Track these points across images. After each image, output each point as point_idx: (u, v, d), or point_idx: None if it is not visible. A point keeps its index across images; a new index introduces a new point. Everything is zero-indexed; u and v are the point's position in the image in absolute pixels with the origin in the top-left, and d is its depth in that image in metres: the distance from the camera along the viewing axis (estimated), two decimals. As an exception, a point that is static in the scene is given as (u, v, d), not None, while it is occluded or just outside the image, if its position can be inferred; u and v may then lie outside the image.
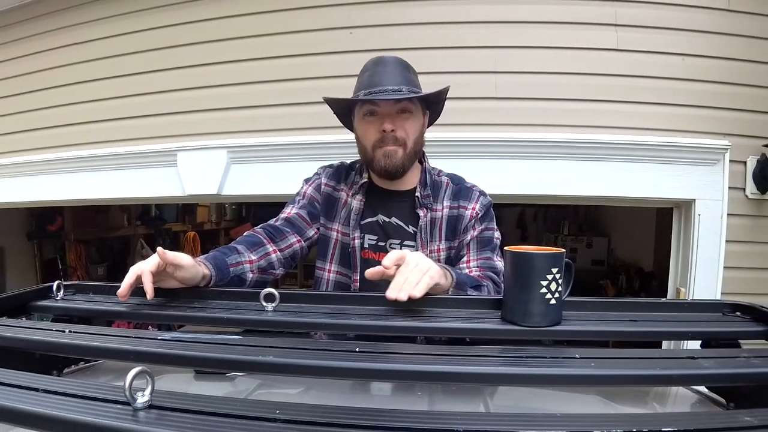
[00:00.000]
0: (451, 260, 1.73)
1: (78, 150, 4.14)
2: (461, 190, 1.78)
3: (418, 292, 1.22)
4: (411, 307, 1.25)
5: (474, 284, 1.55)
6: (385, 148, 1.65)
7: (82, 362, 1.35)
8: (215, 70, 3.80)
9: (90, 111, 4.11)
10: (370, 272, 1.33)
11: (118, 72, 4.03)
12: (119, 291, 1.24)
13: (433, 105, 1.77)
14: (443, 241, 1.72)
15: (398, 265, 1.28)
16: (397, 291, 1.21)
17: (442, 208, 1.74)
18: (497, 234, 1.77)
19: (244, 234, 1.69)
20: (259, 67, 3.72)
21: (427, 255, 1.65)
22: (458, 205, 1.74)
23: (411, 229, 1.72)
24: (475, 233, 1.72)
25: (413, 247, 1.71)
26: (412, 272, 1.27)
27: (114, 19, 4.04)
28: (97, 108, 4.09)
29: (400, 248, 1.71)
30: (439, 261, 1.66)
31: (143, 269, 1.25)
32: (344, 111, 1.79)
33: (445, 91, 1.70)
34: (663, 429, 0.65)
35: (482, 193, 1.79)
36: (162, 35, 3.90)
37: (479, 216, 1.74)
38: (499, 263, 1.68)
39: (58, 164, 4.20)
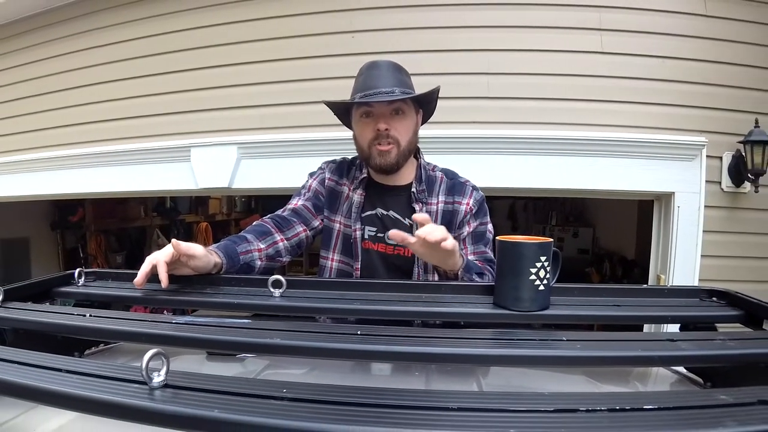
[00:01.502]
0: None
1: (98, 146, 4.15)
2: (455, 185, 1.77)
3: (450, 245, 1.31)
4: (409, 292, 1.26)
5: (478, 271, 1.56)
6: (380, 147, 1.64)
7: (102, 344, 1.35)
8: (226, 71, 3.81)
9: (109, 110, 4.13)
10: (393, 233, 1.37)
11: (135, 73, 4.04)
12: (136, 280, 1.24)
13: (425, 104, 1.76)
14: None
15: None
16: (427, 232, 1.29)
17: (437, 203, 1.74)
18: (490, 227, 1.78)
19: (253, 224, 1.68)
20: (267, 68, 3.72)
21: None
22: (453, 200, 1.74)
23: (407, 221, 1.72)
24: (471, 229, 1.72)
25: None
26: (440, 228, 1.32)
27: (131, 24, 4.06)
28: (115, 107, 4.10)
29: None
30: None
31: (158, 259, 1.25)
32: (343, 112, 1.79)
33: (435, 91, 1.70)
34: (644, 406, 0.65)
35: (475, 188, 1.78)
36: (176, 39, 3.91)
37: (474, 212, 1.74)
38: (493, 255, 1.69)
39: (80, 159, 4.23)
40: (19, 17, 4.42)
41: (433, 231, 1.30)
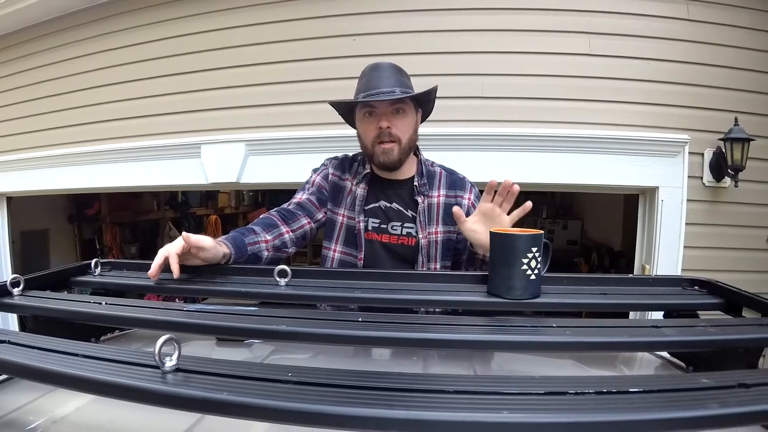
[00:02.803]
0: (452, 243, 1.74)
1: (113, 143, 4.16)
2: (455, 180, 1.79)
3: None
4: (408, 281, 1.26)
5: None
6: (383, 145, 1.65)
7: (117, 330, 1.35)
8: (234, 73, 3.81)
9: (124, 109, 4.13)
10: (456, 209, 1.51)
11: (148, 74, 4.04)
12: (150, 272, 1.24)
13: (424, 103, 1.76)
14: (440, 225, 1.72)
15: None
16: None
17: (438, 195, 1.75)
18: None
19: (261, 217, 1.68)
20: (273, 70, 3.72)
21: (425, 236, 1.68)
22: (455, 194, 1.76)
23: (410, 213, 1.73)
24: None
25: (413, 229, 1.71)
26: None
27: (143, 28, 4.06)
28: (130, 106, 4.11)
29: (401, 230, 1.73)
30: (436, 242, 1.71)
31: (170, 252, 1.25)
32: (346, 111, 1.79)
33: (433, 90, 1.70)
34: (630, 389, 0.65)
35: (472, 185, 1.81)
36: (186, 42, 3.92)
37: (476, 207, 1.74)
38: None
39: (96, 156, 4.23)
40: (32, 23, 4.43)
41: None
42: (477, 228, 1.47)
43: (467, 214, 1.70)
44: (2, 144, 4.72)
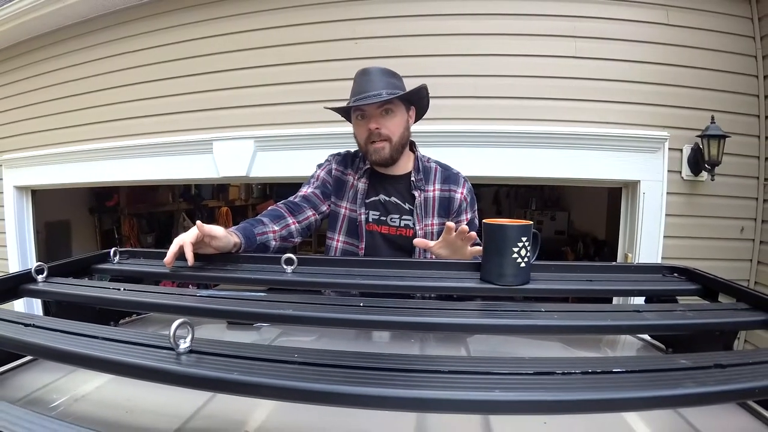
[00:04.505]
0: None
1: (132, 140, 4.17)
2: (450, 175, 1.79)
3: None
4: (407, 269, 1.26)
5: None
6: (374, 145, 1.67)
7: (135, 315, 1.35)
8: (244, 74, 3.81)
9: (141, 107, 4.14)
10: (417, 241, 1.54)
11: (164, 75, 4.05)
12: (165, 260, 1.24)
13: (416, 101, 1.76)
14: (436, 217, 1.73)
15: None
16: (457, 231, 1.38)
17: (434, 190, 1.75)
18: (476, 215, 1.81)
19: (268, 209, 1.68)
20: (280, 71, 3.72)
21: (422, 228, 1.69)
22: (449, 188, 1.76)
23: (408, 206, 1.73)
24: (468, 219, 1.75)
25: (410, 221, 1.72)
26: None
27: (158, 32, 4.07)
28: (147, 105, 4.11)
29: (399, 222, 1.73)
30: (432, 233, 1.71)
31: (184, 240, 1.25)
32: (346, 112, 1.79)
33: (422, 88, 1.70)
34: (614, 370, 0.65)
35: (465, 179, 1.80)
36: (200, 45, 3.92)
37: (468, 201, 1.77)
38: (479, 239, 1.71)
39: (116, 151, 4.25)
40: (54, 28, 4.43)
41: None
42: (442, 252, 1.45)
43: (459, 207, 1.72)
44: (28, 140, 4.73)
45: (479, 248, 1.33)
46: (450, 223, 1.39)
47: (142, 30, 4.12)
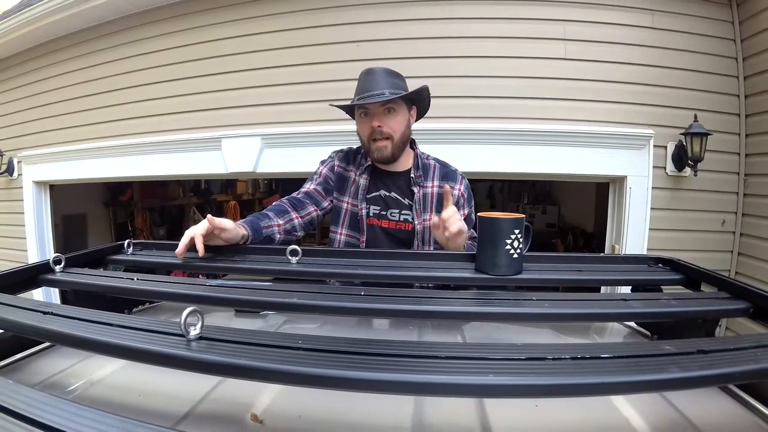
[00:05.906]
0: None
1: (145, 137, 4.18)
2: (448, 173, 1.78)
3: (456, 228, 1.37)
4: (405, 260, 1.26)
5: (470, 249, 1.57)
6: (377, 143, 1.66)
7: (147, 303, 1.36)
8: (250, 75, 3.82)
9: (154, 107, 4.14)
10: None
11: (176, 76, 4.05)
12: (177, 250, 1.24)
13: (418, 101, 1.75)
14: (434, 212, 1.72)
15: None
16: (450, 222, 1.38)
17: (432, 186, 1.74)
18: (473, 209, 1.80)
19: (274, 203, 1.68)
20: (286, 72, 3.73)
21: (420, 222, 1.69)
22: (447, 185, 1.74)
23: (407, 201, 1.72)
24: (465, 215, 1.74)
25: (409, 215, 1.71)
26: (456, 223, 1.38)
27: (170, 35, 4.07)
28: (159, 104, 4.12)
29: (399, 217, 1.72)
30: (430, 228, 1.68)
31: (195, 233, 1.25)
32: (349, 110, 1.79)
33: (423, 89, 1.69)
34: (601, 355, 0.65)
35: (463, 176, 1.80)
36: (210, 47, 3.92)
37: (465, 197, 1.77)
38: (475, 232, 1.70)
39: (129, 148, 4.26)
40: (69, 32, 4.43)
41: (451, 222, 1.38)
42: (441, 238, 1.45)
43: (456, 203, 1.71)
44: (46, 138, 4.74)
45: (460, 225, 1.38)
46: (434, 219, 1.41)
47: (154, 33, 4.12)
